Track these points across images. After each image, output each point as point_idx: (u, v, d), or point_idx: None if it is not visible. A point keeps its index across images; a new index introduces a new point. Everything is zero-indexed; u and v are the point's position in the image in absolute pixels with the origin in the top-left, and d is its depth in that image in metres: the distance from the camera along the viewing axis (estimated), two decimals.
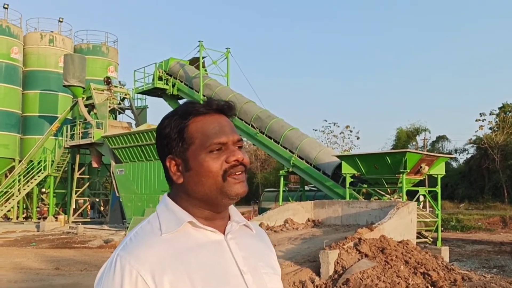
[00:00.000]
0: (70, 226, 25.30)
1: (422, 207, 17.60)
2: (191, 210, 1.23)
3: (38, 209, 30.59)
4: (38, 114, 31.93)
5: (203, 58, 25.47)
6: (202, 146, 1.21)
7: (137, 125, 27.22)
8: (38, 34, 33.29)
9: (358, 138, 48.71)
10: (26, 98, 32.12)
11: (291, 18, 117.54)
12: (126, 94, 28.52)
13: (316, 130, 50.38)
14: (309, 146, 20.06)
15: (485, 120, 40.51)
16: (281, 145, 20.67)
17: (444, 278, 8.45)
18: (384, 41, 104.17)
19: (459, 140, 73.62)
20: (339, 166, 17.56)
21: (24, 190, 28.14)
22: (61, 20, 34.29)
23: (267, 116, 21.88)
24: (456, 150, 45.55)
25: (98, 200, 31.85)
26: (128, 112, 28.83)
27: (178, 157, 1.23)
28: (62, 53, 31.39)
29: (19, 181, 28.38)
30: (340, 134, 48.38)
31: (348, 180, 16.56)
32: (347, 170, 16.52)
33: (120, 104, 28.01)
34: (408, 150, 19.19)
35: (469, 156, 43.24)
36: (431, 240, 15.06)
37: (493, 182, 37.80)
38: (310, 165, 19.48)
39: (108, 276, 1.14)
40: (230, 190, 1.21)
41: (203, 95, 23.84)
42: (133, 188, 22.96)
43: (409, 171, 15.16)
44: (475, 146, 41.03)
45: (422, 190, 15.90)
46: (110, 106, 26.24)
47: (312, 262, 9.05)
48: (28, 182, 28.28)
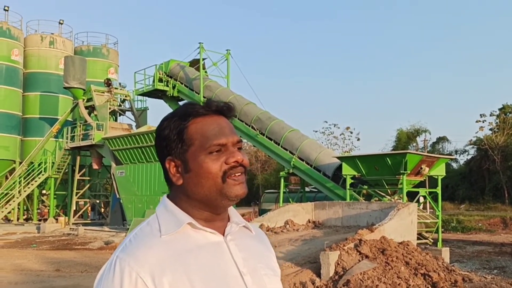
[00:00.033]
0: (70, 228, 25.28)
1: (422, 208, 17.59)
2: (191, 211, 1.23)
3: (39, 210, 30.60)
4: (38, 116, 31.92)
5: (204, 59, 25.51)
6: (202, 147, 1.20)
7: (137, 126, 27.24)
8: (39, 36, 33.31)
9: (358, 139, 48.86)
10: (26, 100, 32.12)
11: (291, 19, 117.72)
12: (126, 96, 28.54)
13: (316, 132, 50.57)
14: (309, 147, 20.06)
15: (485, 121, 40.58)
16: (281, 146, 20.67)
17: (444, 279, 8.45)
18: (384, 40, 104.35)
19: (460, 141, 73.66)
20: (340, 168, 17.56)
21: (24, 191, 28.15)
22: (61, 22, 34.32)
23: (268, 117, 21.88)
24: (456, 151, 45.58)
25: (98, 201, 31.84)
26: (128, 113, 28.89)
27: (177, 158, 1.23)
28: (63, 55, 31.42)
29: (20, 183, 28.39)
30: (340, 135, 48.50)
31: (348, 181, 16.55)
32: (348, 171, 16.52)
33: (120, 105, 28.05)
34: (408, 151, 19.19)
35: (469, 157, 43.25)
36: (432, 241, 15.04)
37: (493, 183, 37.78)
38: (311, 166, 19.48)
39: (107, 278, 1.14)
40: (230, 191, 1.20)
41: (204, 97, 23.84)
42: (133, 189, 22.98)
43: (409, 172, 15.15)
44: (476, 147, 41.03)
45: (422, 191, 15.89)
46: (110, 108, 26.26)
47: (312, 263, 9.04)
48: (28, 184, 28.30)
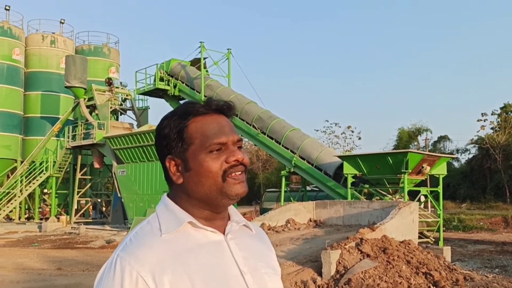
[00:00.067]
0: (72, 227, 25.31)
1: (424, 207, 17.58)
2: (191, 210, 1.23)
3: (40, 209, 30.66)
4: (40, 115, 31.96)
5: (204, 59, 25.51)
6: (202, 146, 1.20)
7: (138, 126, 27.26)
8: (40, 35, 33.33)
9: (359, 138, 48.81)
10: (28, 99, 32.15)
11: (291, 18, 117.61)
12: (127, 95, 28.57)
13: (317, 131, 50.53)
14: (310, 146, 20.06)
15: (486, 120, 40.56)
16: (282, 145, 20.67)
17: (446, 278, 8.44)
18: (384, 40, 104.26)
19: (461, 140, 73.69)
20: (341, 167, 17.56)
21: (26, 190, 28.19)
22: (62, 21, 34.33)
23: (269, 116, 21.87)
24: (457, 150, 45.52)
25: (100, 200, 31.89)
26: (129, 113, 28.92)
27: (177, 157, 1.22)
28: (64, 54, 31.42)
29: (21, 181, 28.42)
30: (341, 134, 48.49)
31: (349, 180, 16.55)
32: (349, 170, 16.52)
33: (121, 105, 28.07)
34: (409, 150, 19.17)
35: (471, 156, 43.24)
36: (433, 240, 15.04)
37: (495, 182, 37.76)
38: (312, 165, 19.48)
39: (108, 277, 1.14)
40: (230, 190, 1.20)
41: (205, 96, 23.85)
42: (134, 188, 23.00)
43: (410, 171, 15.15)
44: (477, 146, 41.00)
45: (423, 190, 15.89)
46: (111, 107, 26.29)
47: (314, 262, 9.04)
48: (30, 182, 28.34)
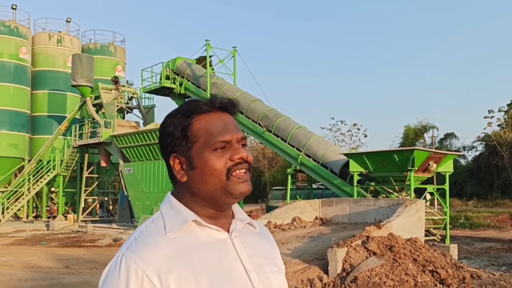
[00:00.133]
0: (79, 225, 25.43)
1: (430, 205, 17.52)
2: (195, 208, 1.23)
3: (48, 208, 30.83)
4: (46, 114, 32.13)
5: (210, 57, 25.52)
6: (206, 144, 1.20)
7: (145, 124, 27.33)
8: (46, 34, 33.47)
9: (365, 136, 48.65)
10: (34, 98, 32.31)
11: (296, 17, 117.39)
12: (133, 94, 28.64)
13: (323, 128, 50.56)
14: (316, 144, 20.02)
15: (493, 117, 40.28)
16: (288, 143, 20.65)
17: (452, 276, 8.41)
18: (389, 39, 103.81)
19: (468, 137, 73.14)
20: (347, 164, 17.53)
21: (33, 189, 28.36)
22: (69, 20, 34.47)
23: (274, 114, 21.85)
24: (464, 148, 45.27)
25: (107, 199, 32.01)
26: (136, 111, 28.98)
27: (181, 155, 1.22)
28: (70, 53, 31.54)
29: (29, 180, 28.59)
30: (347, 132, 48.37)
31: (355, 178, 16.53)
32: (355, 168, 16.49)
33: (128, 103, 28.14)
34: (416, 147, 19.10)
35: (477, 153, 42.96)
36: (440, 237, 15.00)
37: (502, 179, 37.53)
38: (318, 163, 19.45)
39: (113, 275, 1.14)
40: (234, 189, 1.20)
41: (210, 94, 23.85)
42: (141, 187, 23.08)
43: (417, 169, 15.10)
44: (484, 143, 40.74)
45: (430, 188, 15.84)
46: (118, 106, 26.35)
47: (320, 260, 9.04)
48: (37, 181, 28.50)
